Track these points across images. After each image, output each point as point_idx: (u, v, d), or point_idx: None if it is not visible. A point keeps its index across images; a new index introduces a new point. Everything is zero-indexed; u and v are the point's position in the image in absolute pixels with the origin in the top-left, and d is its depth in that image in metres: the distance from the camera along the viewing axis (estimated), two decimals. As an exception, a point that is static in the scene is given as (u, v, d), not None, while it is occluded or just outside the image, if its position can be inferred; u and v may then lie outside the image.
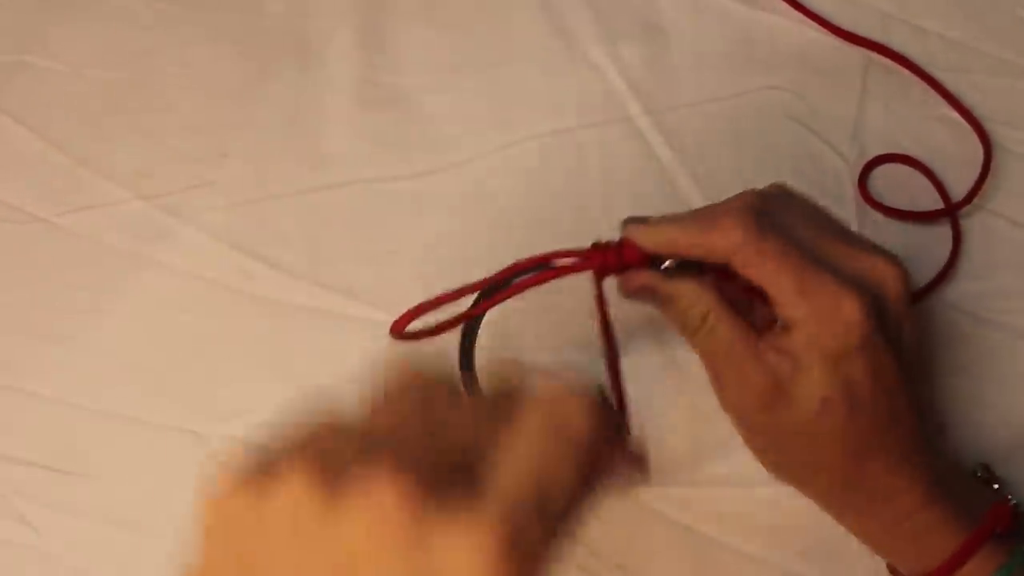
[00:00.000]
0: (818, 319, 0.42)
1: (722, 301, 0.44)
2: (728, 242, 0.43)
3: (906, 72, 0.63)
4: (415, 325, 0.46)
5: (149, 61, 0.64)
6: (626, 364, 0.51)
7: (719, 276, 0.45)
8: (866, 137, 0.61)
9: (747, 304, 0.46)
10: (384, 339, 0.56)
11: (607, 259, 0.45)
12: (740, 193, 0.46)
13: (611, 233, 0.58)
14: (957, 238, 0.58)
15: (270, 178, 0.60)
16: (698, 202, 0.59)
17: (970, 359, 0.56)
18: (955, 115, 0.62)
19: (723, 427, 0.50)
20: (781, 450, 0.46)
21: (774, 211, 0.44)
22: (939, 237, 0.59)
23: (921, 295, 0.57)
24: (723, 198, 0.59)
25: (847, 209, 0.60)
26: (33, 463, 0.54)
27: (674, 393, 0.54)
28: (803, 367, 0.43)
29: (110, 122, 0.62)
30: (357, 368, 0.53)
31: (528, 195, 0.59)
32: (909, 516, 0.45)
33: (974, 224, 0.59)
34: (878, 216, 0.59)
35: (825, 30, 0.64)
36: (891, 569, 0.49)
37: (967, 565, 0.44)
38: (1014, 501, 0.47)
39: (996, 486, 0.50)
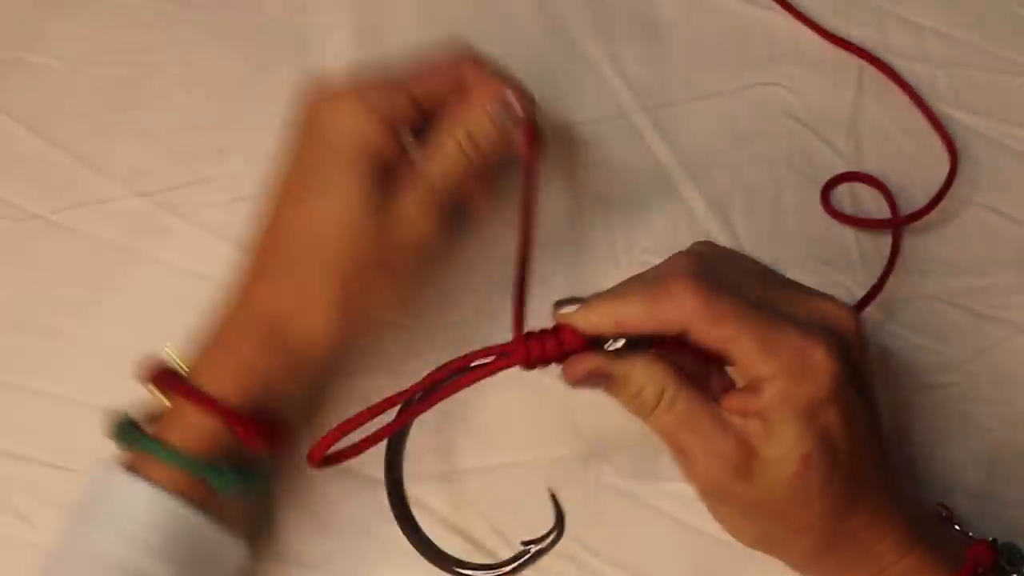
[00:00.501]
0: (788, 373, 0.40)
1: (677, 373, 0.42)
2: (682, 312, 0.40)
3: (901, 64, 0.63)
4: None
5: (147, 58, 0.64)
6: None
7: (666, 348, 0.42)
8: (861, 132, 0.61)
9: (699, 373, 0.44)
10: (380, 337, 0.56)
11: (546, 349, 0.42)
12: (673, 257, 0.44)
13: (605, 232, 0.59)
14: (895, 252, 0.58)
15: (267, 175, 0.60)
16: (695, 198, 0.60)
17: (968, 356, 0.57)
18: (950, 112, 0.62)
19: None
20: (758, 518, 0.44)
21: (716, 270, 0.42)
22: (938, 237, 0.59)
23: (858, 308, 0.55)
24: (719, 194, 0.60)
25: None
26: (30, 459, 0.55)
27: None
28: (776, 426, 0.41)
29: (107, 119, 0.62)
30: (349, 364, 0.54)
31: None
32: (893, 564, 0.44)
33: (971, 220, 0.60)
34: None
35: (820, 36, 0.64)
36: None
37: None
38: (990, 538, 0.46)
39: (956, 526, 0.49)
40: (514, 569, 0.46)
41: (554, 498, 0.47)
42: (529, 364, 0.43)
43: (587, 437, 0.54)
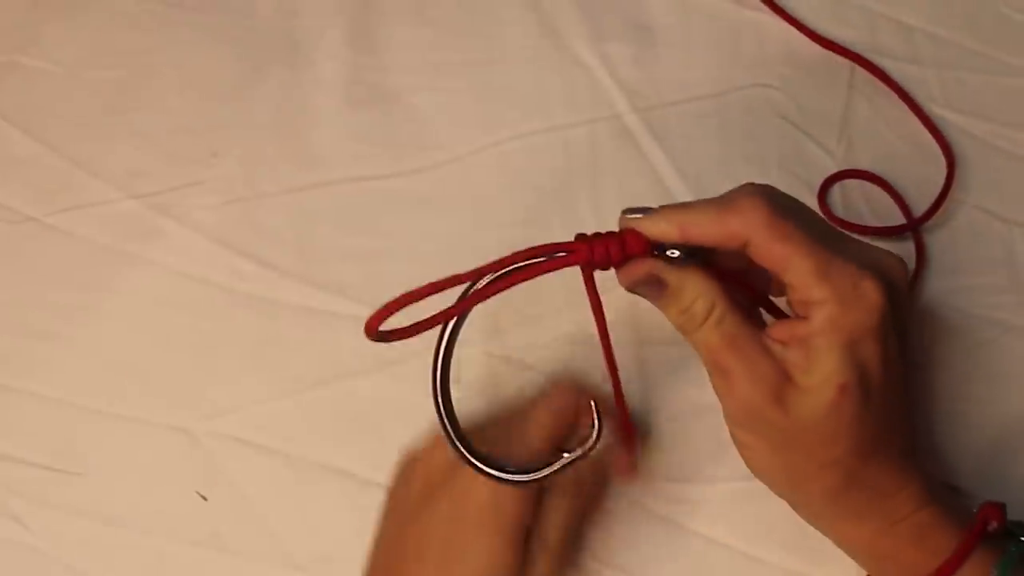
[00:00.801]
0: (839, 300, 0.41)
1: (727, 293, 0.43)
2: (748, 224, 0.41)
3: (891, 65, 0.63)
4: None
5: (141, 61, 0.64)
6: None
7: (718, 277, 0.43)
8: (853, 133, 0.62)
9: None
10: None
11: (609, 249, 0.43)
12: (743, 185, 0.44)
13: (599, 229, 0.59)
14: (920, 252, 0.58)
15: (260, 177, 0.61)
16: (687, 199, 0.59)
17: (956, 354, 0.57)
18: (941, 112, 0.62)
19: (716, 425, 0.50)
20: (786, 450, 0.44)
21: (780, 202, 0.43)
22: (929, 237, 0.59)
23: None
24: (710, 195, 0.59)
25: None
26: (24, 461, 0.55)
27: (666, 392, 0.55)
28: (819, 353, 0.41)
29: (102, 122, 0.63)
30: (345, 365, 0.54)
31: (516, 192, 0.60)
32: (908, 516, 0.45)
33: (962, 220, 0.60)
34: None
35: (810, 39, 0.64)
36: None
37: (963, 567, 0.43)
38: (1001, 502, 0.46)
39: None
40: (551, 473, 0.46)
41: (596, 409, 0.47)
42: (590, 263, 0.43)
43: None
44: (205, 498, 0.54)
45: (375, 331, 0.42)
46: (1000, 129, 0.62)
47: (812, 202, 0.59)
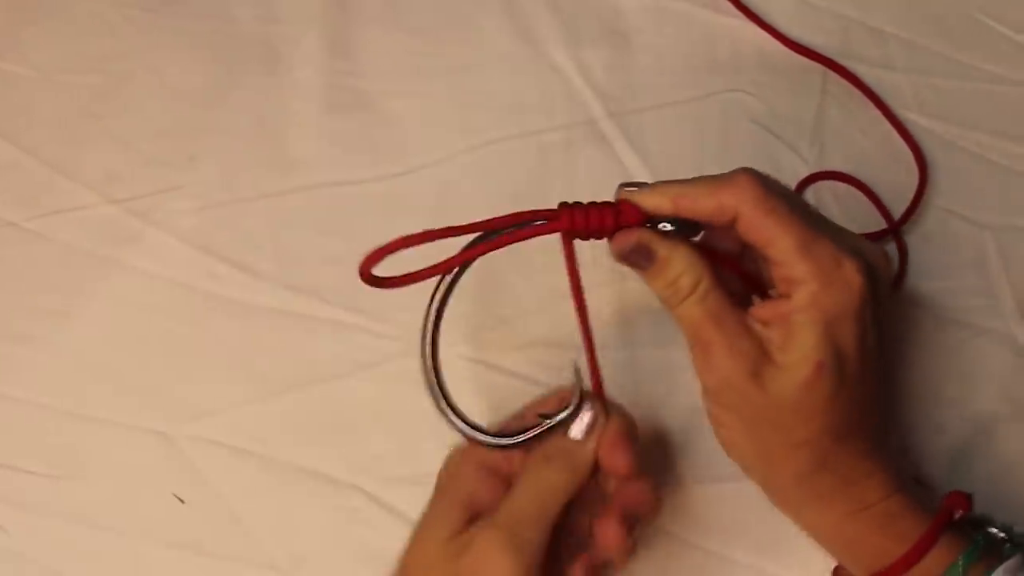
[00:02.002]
0: (820, 277, 0.42)
1: (713, 271, 0.44)
2: (740, 197, 0.43)
3: (864, 70, 0.64)
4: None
5: (119, 66, 0.64)
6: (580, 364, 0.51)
7: (705, 253, 0.44)
8: (826, 138, 0.62)
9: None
10: (351, 341, 0.57)
11: (604, 218, 0.44)
12: (736, 169, 0.45)
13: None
14: (903, 254, 0.59)
15: (238, 182, 0.61)
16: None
17: (930, 357, 0.57)
18: (913, 117, 0.63)
19: (691, 427, 0.50)
20: (759, 428, 0.45)
21: (772, 186, 0.44)
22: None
23: None
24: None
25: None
26: (3, 464, 0.55)
27: (632, 392, 0.55)
28: (798, 330, 0.42)
29: (80, 127, 0.63)
30: (322, 368, 0.54)
31: (493, 197, 0.60)
32: (875, 503, 0.45)
33: (934, 224, 0.60)
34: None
35: (784, 45, 0.64)
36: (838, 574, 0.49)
37: (929, 554, 0.44)
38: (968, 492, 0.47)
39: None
40: (531, 438, 0.46)
41: (577, 372, 0.47)
42: (571, 232, 0.44)
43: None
44: (183, 501, 0.54)
45: (368, 275, 0.43)
46: (972, 134, 0.62)
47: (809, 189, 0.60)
